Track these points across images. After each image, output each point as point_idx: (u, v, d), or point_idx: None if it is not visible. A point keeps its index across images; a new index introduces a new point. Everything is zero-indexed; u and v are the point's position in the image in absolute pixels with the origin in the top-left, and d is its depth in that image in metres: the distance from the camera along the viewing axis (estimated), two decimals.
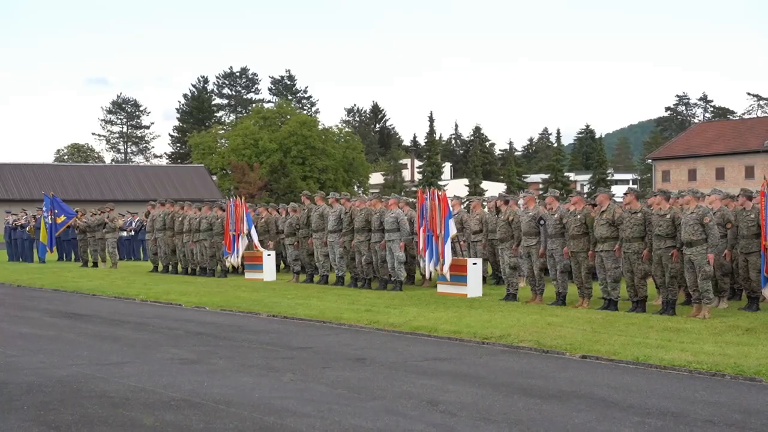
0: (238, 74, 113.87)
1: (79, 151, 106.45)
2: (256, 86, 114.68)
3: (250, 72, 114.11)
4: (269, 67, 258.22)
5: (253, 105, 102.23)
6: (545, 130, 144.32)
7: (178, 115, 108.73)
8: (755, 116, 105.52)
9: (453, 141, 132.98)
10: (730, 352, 10.75)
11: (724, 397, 8.60)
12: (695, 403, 8.33)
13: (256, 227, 23.78)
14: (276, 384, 9.41)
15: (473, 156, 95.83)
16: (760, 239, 13.94)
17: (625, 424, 7.48)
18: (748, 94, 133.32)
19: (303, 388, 9.15)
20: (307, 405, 8.28)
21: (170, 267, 26.37)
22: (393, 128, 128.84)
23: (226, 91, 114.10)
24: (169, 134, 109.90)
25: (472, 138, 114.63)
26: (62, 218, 31.44)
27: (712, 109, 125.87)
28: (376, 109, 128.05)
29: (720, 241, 14.83)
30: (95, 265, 29.64)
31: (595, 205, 16.35)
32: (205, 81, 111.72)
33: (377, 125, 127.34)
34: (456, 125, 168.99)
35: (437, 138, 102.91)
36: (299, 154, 75.41)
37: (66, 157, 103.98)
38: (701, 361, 10.16)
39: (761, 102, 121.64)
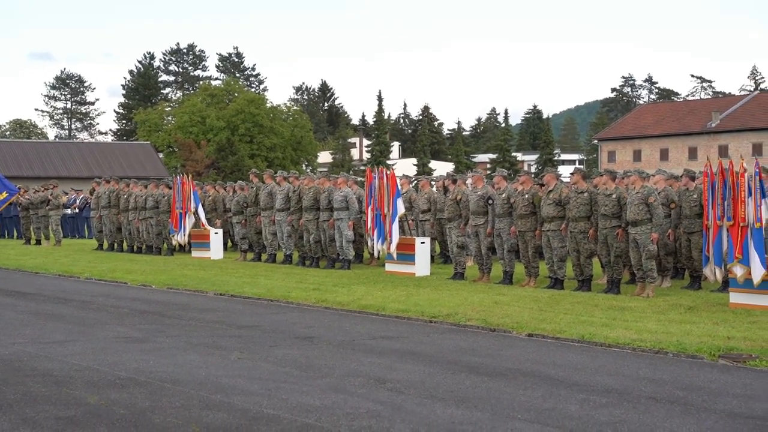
0: (185, 51, 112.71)
1: (21, 127, 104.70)
2: (203, 63, 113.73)
3: (197, 49, 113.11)
4: (217, 44, 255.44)
5: (201, 82, 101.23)
6: (493, 110, 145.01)
7: (124, 92, 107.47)
8: (698, 98, 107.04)
9: (402, 120, 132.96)
10: (673, 330, 10.91)
11: (667, 374, 8.73)
12: (639, 380, 8.45)
13: (203, 205, 23.63)
14: (223, 362, 9.37)
15: (422, 135, 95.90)
16: (703, 219, 14.14)
17: (570, 402, 7.57)
18: (692, 76, 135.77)
19: (250, 367, 9.13)
20: (255, 383, 8.26)
21: (115, 245, 26.13)
22: (342, 107, 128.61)
23: (172, 67, 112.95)
24: (115, 111, 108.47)
25: (421, 117, 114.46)
26: (4, 195, 30.90)
27: (656, 90, 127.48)
28: (324, 88, 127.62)
29: (664, 220, 15.02)
30: (38, 242, 29.28)
31: (542, 185, 16.47)
32: (152, 57, 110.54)
33: (326, 104, 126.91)
34: (405, 104, 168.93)
35: (386, 117, 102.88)
36: (247, 132, 74.87)
37: (8, 132, 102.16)
38: (645, 339, 10.30)
39: (704, 84, 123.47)
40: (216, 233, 23.19)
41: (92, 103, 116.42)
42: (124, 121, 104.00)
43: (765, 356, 9.29)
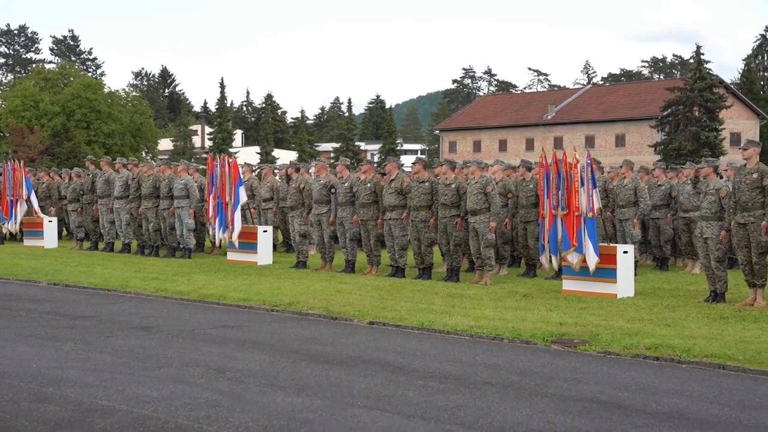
0: (16, 32, 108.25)
1: None
2: (36, 46, 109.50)
3: (29, 30, 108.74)
4: (51, 26, 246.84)
5: (33, 65, 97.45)
6: (337, 99, 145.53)
7: None
8: (535, 90, 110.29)
9: (245, 108, 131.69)
10: (509, 316, 11.21)
11: (502, 359, 8.97)
12: (476, 366, 8.65)
13: (36, 192, 22.86)
14: (56, 354, 9.08)
15: (265, 123, 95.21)
16: (539, 209, 14.57)
17: (409, 388, 7.67)
18: (529, 69, 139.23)
19: (85, 358, 8.88)
20: (89, 374, 8.04)
21: None
22: (183, 93, 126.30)
23: (2, 49, 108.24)
24: None
25: (264, 105, 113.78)
26: None
27: (496, 82, 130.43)
28: (165, 74, 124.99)
29: (501, 210, 15.41)
30: None
31: (384, 174, 16.63)
32: None
33: (166, 90, 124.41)
34: (248, 92, 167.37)
35: (228, 104, 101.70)
36: (83, 118, 72.57)
37: None
38: (482, 326, 10.54)
39: (541, 77, 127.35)
40: (50, 221, 22.51)
41: None
42: None
43: (594, 341, 9.65)
